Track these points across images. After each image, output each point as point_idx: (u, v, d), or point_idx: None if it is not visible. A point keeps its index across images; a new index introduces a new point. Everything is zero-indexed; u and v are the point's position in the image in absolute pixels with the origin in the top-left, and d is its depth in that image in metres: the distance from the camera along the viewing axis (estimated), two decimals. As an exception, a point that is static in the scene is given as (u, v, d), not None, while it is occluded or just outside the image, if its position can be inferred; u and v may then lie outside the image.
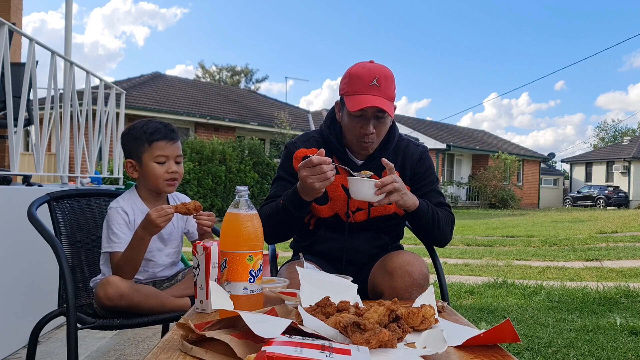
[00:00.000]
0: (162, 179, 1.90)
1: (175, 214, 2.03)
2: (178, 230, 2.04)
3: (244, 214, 1.27)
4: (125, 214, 1.88)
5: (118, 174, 5.47)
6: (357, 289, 1.38)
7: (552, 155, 36.41)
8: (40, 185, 3.47)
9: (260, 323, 0.96)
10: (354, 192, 1.63)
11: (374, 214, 1.87)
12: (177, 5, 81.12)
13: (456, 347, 1.06)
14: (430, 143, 23.98)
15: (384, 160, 1.69)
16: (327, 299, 1.14)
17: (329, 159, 1.60)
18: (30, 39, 3.34)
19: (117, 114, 5.45)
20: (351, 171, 1.70)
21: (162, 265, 1.99)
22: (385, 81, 1.72)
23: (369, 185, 1.60)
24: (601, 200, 29.96)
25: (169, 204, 2.02)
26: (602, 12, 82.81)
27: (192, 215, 1.85)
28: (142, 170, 1.92)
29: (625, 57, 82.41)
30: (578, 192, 32.27)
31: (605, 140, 50.23)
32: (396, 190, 1.63)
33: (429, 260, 2.12)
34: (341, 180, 1.84)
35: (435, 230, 1.82)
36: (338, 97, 1.87)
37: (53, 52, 3.65)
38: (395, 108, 1.85)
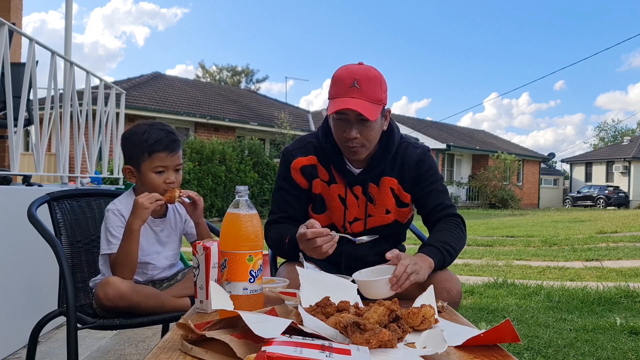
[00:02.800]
0: (160, 189, 1.88)
1: (173, 215, 2.04)
2: (176, 232, 2.04)
3: (244, 214, 1.27)
4: (122, 217, 1.87)
5: (118, 174, 5.46)
6: (358, 290, 1.38)
7: (552, 155, 36.40)
8: (40, 185, 3.48)
9: (260, 323, 0.96)
10: (367, 293, 1.44)
11: (372, 224, 1.83)
12: (177, 5, 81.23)
13: (456, 347, 1.06)
14: (430, 143, 23.98)
15: (388, 255, 1.52)
16: (327, 299, 1.14)
17: (325, 230, 1.54)
18: (30, 39, 3.34)
19: (117, 114, 5.45)
20: (352, 238, 1.69)
21: (161, 268, 1.99)
22: (368, 82, 1.64)
23: (382, 284, 1.42)
24: (601, 200, 29.95)
25: (167, 208, 2.02)
26: (602, 12, 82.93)
27: (178, 196, 1.86)
28: (140, 178, 1.91)
29: (625, 57, 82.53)
30: (578, 192, 32.25)
31: (605, 140, 50.24)
32: (412, 274, 1.48)
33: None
34: (337, 191, 1.81)
35: (455, 258, 1.75)
36: None
37: (53, 52, 3.65)
38: (389, 112, 1.77)
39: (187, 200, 1.91)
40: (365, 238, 1.70)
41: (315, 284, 1.30)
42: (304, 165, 1.82)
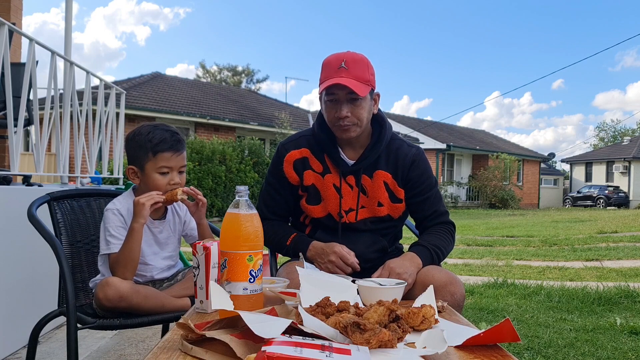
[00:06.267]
0: (164, 190, 1.87)
1: (172, 217, 2.03)
2: (175, 234, 2.04)
3: (244, 214, 1.27)
4: (121, 216, 1.87)
5: (118, 174, 5.46)
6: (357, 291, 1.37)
7: (552, 155, 36.45)
8: (40, 185, 3.47)
9: (260, 323, 0.96)
10: (370, 301, 1.36)
11: (365, 215, 1.86)
12: (179, 5, 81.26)
13: (456, 347, 1.06)
14: (430, 143, 23.97)
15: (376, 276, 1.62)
16: (327, 299, 1.14)
17: (354, 265, 1.73)
18: (30, 39, 3.34)
19: (117, 114, 5.45)
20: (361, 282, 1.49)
21: (159, 269, 1.98)
22: (354, 64, 1.71)
23: (399, 292, 1.41)
24: (601, 200, 29.95)
25: (166, 210, 2.01)
26: (601, 11, 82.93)
27: (179, 194, 1.84)
28: (143, 178, 1.90)
29: (619, 56, 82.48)
30: (578, 192, 32.25)
31: (605, 140, 50.24)
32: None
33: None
34: (332, 180, 1.84)
35: (442, 260, 1.85)
36: None
37: (53, 52, 3.65)
38: (378, 96, 1.84)
39: (187, 198, 1.90)
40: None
41: (315, 284, 1.30)
42: (296, 159, 1.88)
